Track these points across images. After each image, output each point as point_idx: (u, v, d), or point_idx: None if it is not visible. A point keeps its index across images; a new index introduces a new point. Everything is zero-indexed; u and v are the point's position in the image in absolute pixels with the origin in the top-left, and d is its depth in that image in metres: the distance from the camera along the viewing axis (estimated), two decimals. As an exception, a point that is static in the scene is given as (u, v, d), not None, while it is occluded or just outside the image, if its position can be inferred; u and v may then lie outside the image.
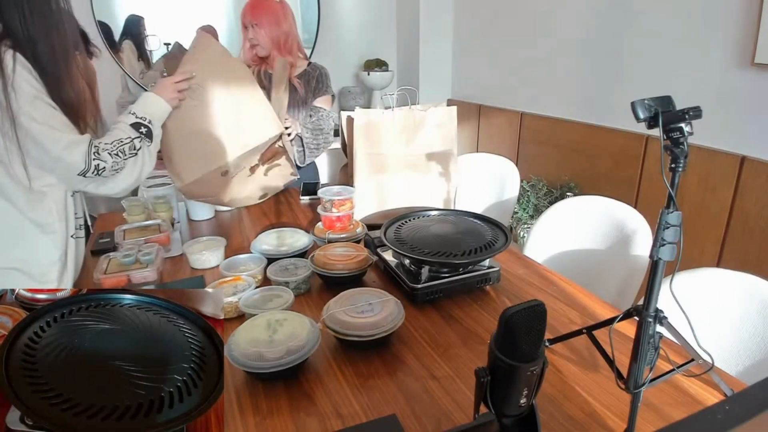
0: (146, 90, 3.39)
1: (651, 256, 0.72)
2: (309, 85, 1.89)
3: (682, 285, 1.10)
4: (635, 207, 1.46)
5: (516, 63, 2.89)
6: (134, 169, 1.20)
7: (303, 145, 1.81)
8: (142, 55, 3.27)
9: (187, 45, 2.98)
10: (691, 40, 1.88)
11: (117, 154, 1.15)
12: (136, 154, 1.19)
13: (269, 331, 0.89)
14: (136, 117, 1.23)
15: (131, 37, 3.22)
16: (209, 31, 3.37)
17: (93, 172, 1.10)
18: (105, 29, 3.18)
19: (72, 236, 1.17)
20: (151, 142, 1.24)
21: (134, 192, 2.03)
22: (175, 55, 3.20)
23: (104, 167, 1.12)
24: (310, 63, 1.93)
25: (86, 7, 3.10)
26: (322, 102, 1.92)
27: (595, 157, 2.34)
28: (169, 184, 1.64)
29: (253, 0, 1.78)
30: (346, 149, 1.62)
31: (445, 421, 0.78)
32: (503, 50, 2.99)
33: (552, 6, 2.56)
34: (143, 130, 1.22)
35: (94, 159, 1.09)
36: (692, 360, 0.83)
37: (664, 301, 0.76)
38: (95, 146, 1.11)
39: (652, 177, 2.08)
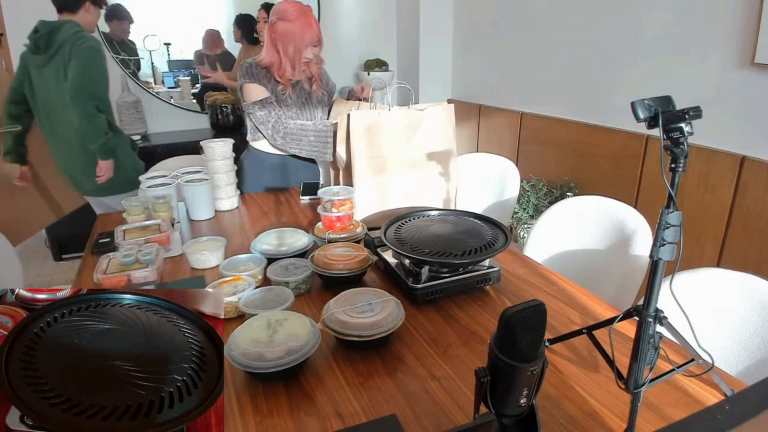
0: (147, 91, 3.40)
1: (651, 256, 0.72)
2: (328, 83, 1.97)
3: (682, 285, 1.11)
4: (635, 207, 1.46)
5: (516, 63, 2.89)
6: None
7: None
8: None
9: (183, 45, 2.99)
10: (691, 40, 1.88)
11: None
12: None
13: (269, 331, 0.89)
14: None
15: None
16: (213, 34, 3.38)
17: None
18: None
19: None
20: None
21: (134, 192, 2.04)
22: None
23: None
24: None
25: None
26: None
27: (595, 157, 2.34)
28: (170, 184, 1.64)
29: (308, 20, 1.73)
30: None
31: (445, 421, 0.78)
32: (503, 50, 2.99)
33: (552, 6, 2.56)
34: None
35: None
36: (692, 360, 0.83)
37: (664, 301, 0.76)
38: None
39: (652, 177, 2.08)
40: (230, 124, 3.31)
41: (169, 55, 3.33)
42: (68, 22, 1.95)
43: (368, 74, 3.49)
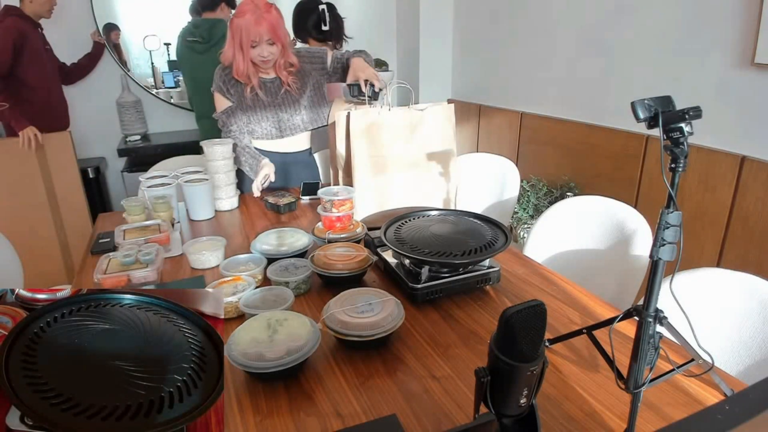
0: (147, 91, 3.43)
1: (651, 256, 0.72)
2: (305, 76, 1.87)
3: (682, 285, 1.10)
4: (635, 207, 1.46)
5: (516, 63, 2.89)
6: None
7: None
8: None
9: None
10: (691, 40, 1.88)
11: None
12: None
13: (269, 331, 0.89)
14: None
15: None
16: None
17: None
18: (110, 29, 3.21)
19: None
20: None
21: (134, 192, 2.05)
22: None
23: None
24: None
25: (86, 10, 3.11)
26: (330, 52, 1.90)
27: (595, 157, 2.34)
28: (170, 184, 1.64)
29: (257, 17, 1.64)
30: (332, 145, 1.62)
31: (445, 421, 0.78)
32: (503, 50, 2.99)
33: (552, 6, 2.56)
34: None
35: None
36: (692, 360, 0.83)
37: (664, 301, 0.76)
38: None
39: (652, 177, 2.08)
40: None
41: (168, 55, 3.34)
42: (222, 21, 2.53)
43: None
